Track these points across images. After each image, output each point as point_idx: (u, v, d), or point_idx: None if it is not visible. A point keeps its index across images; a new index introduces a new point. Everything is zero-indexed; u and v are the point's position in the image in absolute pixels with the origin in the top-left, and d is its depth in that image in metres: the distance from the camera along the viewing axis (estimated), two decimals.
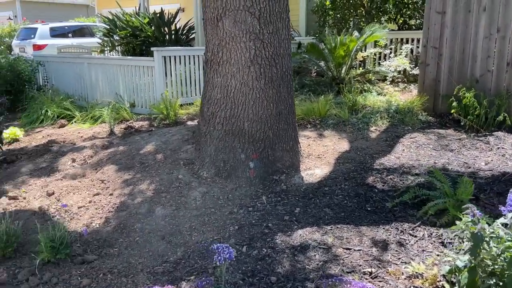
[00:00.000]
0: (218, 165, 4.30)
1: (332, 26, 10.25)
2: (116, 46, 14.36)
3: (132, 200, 3.90)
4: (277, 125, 4.38)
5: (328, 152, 4.92)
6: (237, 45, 4.14)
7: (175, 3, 18.11)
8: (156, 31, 14.13)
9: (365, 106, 6.54)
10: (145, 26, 13.77)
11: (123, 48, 14.39)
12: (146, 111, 7.67)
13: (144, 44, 14.21)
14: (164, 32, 13.49)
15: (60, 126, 7.20)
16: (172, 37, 14.17)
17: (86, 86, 8.71)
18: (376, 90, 7.55)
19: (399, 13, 9.49)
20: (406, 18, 10.00)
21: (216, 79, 4.36)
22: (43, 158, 5.42)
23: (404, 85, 8.24)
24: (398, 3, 9.29)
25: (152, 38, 14.10)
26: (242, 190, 4.06)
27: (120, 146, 5.25)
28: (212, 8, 4.21)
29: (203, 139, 4.50)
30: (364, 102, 6.59)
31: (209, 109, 4.45)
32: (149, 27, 13.18)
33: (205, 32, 4.47)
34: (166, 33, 13.72)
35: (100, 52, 14.43)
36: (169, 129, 5.88)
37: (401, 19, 10.09)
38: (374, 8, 9.36)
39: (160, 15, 13.70)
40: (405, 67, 8.11)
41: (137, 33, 13.86)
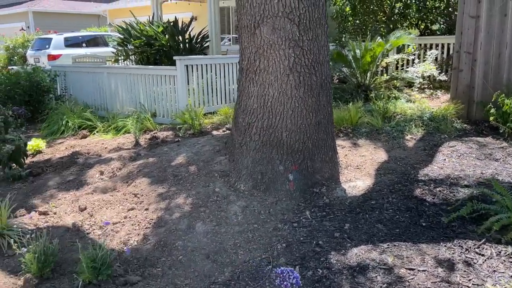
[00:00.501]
0: (255, 178, 4.12)
1: (352, 32, 10.08)
2: (130, 55, 14.34)
3: (169, 215, 3.72)
4: (317, 135, 4.20)
5: (367, 162, 4.73)
6: (276, 52, 3.98)
7: (188, 12, 18.09)
8: (170, 40, 14.08)
9: (396, 113, 6.34)
10: (159, 35, 13.72)
11: (137, 57, 14.37)
12: (168, 120, 7.52)
13: (158, 53, 14.19)
14: (178, 40, 13.44)
15: (82, 137, 7.07)
16: (186, 46, 14.13)
17: (106, 96, 8.60)
18: (403, 96, 7.35)
19: (421, 19, 9.29)
20: (428, 23, 9.81)
21: (252, 88, 4.19)
22: (70, 170, 5.27)
23: (431, 91, 8.04)
24: (421, 8, 9.10)
25: (167, 47, 14.06)
26: (282, 204, 3.87)
27: (149, 157, 5.09)
28: (248, 15, 4.06)
29: (238, 150, 4.33)
30: (394, 110, 6.39)
31: (244, 119, 4.29)
32: (163, 36, 13.13)
33: (240, 40, 4.32)
34: (180, 42, 13.68)
35: (114, 62, 14.42)
36: (197, 139, 5.71)
37: (422, 24, 9.90)
38: (396, 14, 9.18)
39: (174, 23, 13.64)
40: (432, 73, 7.90)
41: (151, 42, 13.81)
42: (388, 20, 9.54)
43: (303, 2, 3.93)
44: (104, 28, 23.42)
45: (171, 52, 14.04)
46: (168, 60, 14.57)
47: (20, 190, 4.83)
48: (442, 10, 9.28)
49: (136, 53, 14.27)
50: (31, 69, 9.29)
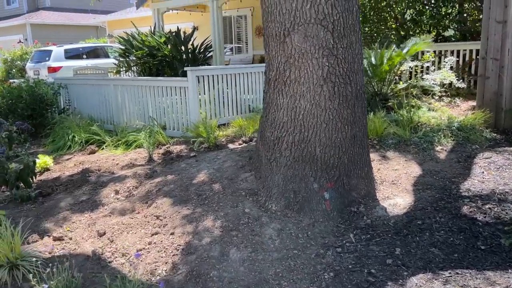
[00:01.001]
0: (288, 197, 3.82)
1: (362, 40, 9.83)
2: (132, 66, 14.09)
3: (199, 241, 3.41)
4: (352, 150, 3.91)
5: (401, 177, 4.44)
6: (308, 62, 3.70)
7: (189, 22, 17.87)
8: (173, 50, 13.83)
9: (420, 123, 6.07)
10: (162, 46, 13.48)
11: (139, 68, 14.12)
12: (179, 133, 7.23)
13: (161, 64, 13.93)
14: (181, 51, 13.21)
15: (90, 152, 6.75)
16: (189, 56, 13.88)
17: (112, 108, 8.30)
18: (423, 105, 7.09)
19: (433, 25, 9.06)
20: (440, 29, 9.59)
21: (281, 100, 3.91)
22: (82, 190, 4.95)
23: (449, 99, 7.79)
24: (435, 14, 8.89)
25: (169, 57, 13.79)
26: (320, 225, 3.57)
27: (168, 175, 4.78)
28: (277, 23, 3.79)
29: (267, 166, 4.03)
30: (418, 119, 6.12)
31: (273, 133, 3.99)
32: (165, 46, 12.90)
33: (267, 49, 4.04)
34: (183, 52, 13.44)
35: (116, 73, 14.15)
36: (215, 154, 5.41)
37: (434, 31, 9.69)
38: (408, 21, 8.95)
39: (177, 33, 13.41)
40: (451, 80, 7.66)
41: (154, 52, 13.55)
42: (400, 27, 9.31)
43: (336, 7, 3.66)
44: (103, 39, 23.18)
45: (174, 63, 13.81)
46: (171, 71, 14.33)
47: (30, 212, 4.51)
48: (454, 16, 9.07)
49: (138, 64, 14.02)
50: (33, 82, 8.99)
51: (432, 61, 8.64)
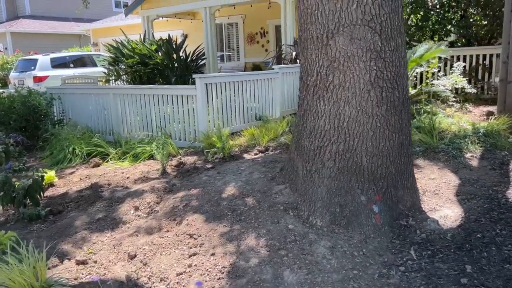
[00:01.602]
0: (333, 211, 3.55)
1: None
2: (121, 75, 13.72)
3: (245, 262, 3.10)
4: (399, 159, 3.67)
5: (441, 186, 4.23)
6: (354, 66, 3.46)
7: (178, 29, 17.57)
8: (165, 58, 13.53)
9: (441, 129, 5.90)
10: (153, 53, 13.17)
11: (129, 77, 13.76)
12: (186, 144, 6.90)
13: (152, 72, 13.60)
14: (172, 58, 12.92)
15: (94, 165, 6.35)
16: (182, 65, 13.59)
17: (111, 119, 7.91)
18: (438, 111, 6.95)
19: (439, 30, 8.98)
20: (442, 35, 9.53)
21: (322, 106, 3.65)
22: (96, 206, 4.58)
23: (460, 105, 7.68)
24: (440, 19, 8.82)
25: (161, 65, 13.50)
26: (373, 241, 3.31)
27: (192, 188, 4.45)
28: (319, 25, 3.55)
29: (307, 178, 3.76)
30: (439, 125, 5.95)
31: (313, 143, 3.73)
32: (157, 54, 12.59)
33: (304, 53, 3.79)
34: (174, 60, 13.16)
35: (105, 82, 13.75)
36: (235, 165, 5.11)
37: (436, 37, 9.63)
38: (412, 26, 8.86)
39: (168, 41, 13.13)
40: (462, 86, 7.55)
41: (146, 60, 13.23)
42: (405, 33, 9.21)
43: (384, 8, 3.44)
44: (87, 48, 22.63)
45: (166, 71, 13.49)
46: (163, 80, 14.01)
47: (41, 232, 4.12)
48: (458, 22, 9.02)
49: (129, 72, 13.66)
50: (26, 92, 8.52)
51: (439, 66, 8.54)
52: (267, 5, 15.02)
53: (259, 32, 15.84)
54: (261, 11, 15.23)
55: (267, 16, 15.30)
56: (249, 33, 16.07)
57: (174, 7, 14.70)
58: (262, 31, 15.76)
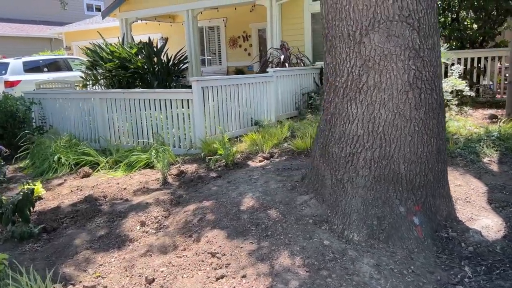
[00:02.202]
0: (370, 224, 3.25)
1: None
2: (99, 79, 13.18)
3: (284, 285, 2.76)
4: (437, 166, 3.41)
5: (470, 193, 4.00)
6: (392, 65, 3.19)
7: (157, 32, 17.06)
8: (147, 62, 13.08)
9: (450, 133, 5.73)
10: (133, 57, 12.72)
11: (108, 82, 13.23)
12: (182, 151, 6.50)
13: (133, 77, 13.13)
14: (154, 62, 12.52)
15: (83, 175, 5.87)
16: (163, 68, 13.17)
17: (97, 125, 7.41)
18: None
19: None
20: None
21: (354, 110, 3.36)
22: (95, 222, 4.14)
23: (458, 108, 7.57)
24: None
25: (142, 69, 13.05)
26: (419, 257, 3.02)
27: (204, 200, 4.06)
28: (350, 21, 3.26)
29: (337, 188, 3.45)
30: (448, 129, 5.78)
31: (343, 149, 3.43)
32: (137, 58, 12.16)
33: (332, 52, 3.49)
34: (155, 64, 12.77)
35: (82, 87, 13.18)
36: (245, 173, 4.76)
37: None
38: None
39: (149, 44, 12.69)
40: (461, 89, 7.44)
41: (126, 64, 12.76)
42: None
43: (421, 3, 3.19)
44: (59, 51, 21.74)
45: (148, 75, 13.04)
46: (144, 84, 13.54)
47: (36, 253, 3.66)
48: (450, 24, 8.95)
49: (107, 77, 13.12)
50: (2, 97, 7.92)
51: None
52: (250, 8, 14.75)
53: (242, 36, 15.53)
54: (244, 15, 14.94)
55: (250, 19, 15.02)
56: (231, 37, 15.74)
57: (155, 9, 14.23)
58: (245, 34, 15.46)
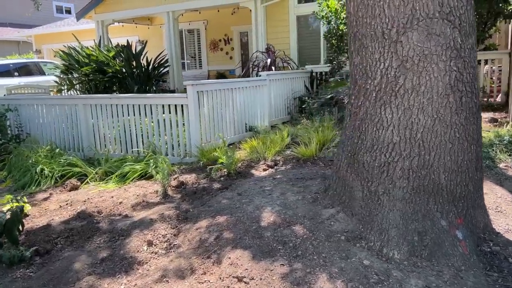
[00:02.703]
0: (410, 240, 2.97)
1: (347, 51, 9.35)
2: (75, 84, 12.60)
3: None
4: (476, 174, 3.18)
5: (499, 202, 3.80)
6: (432, 66, 2.93)
7: (134, 35, 16.52)
8: (126, 66, 12.60)
9: None
10: (112, 61, 12.23)
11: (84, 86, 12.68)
12: (176, 159, 6.11)
13: (111, 81, 12.63)
14: (132, 66, 12.06)
15: (71, 188, 5.39)
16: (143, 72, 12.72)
17: (81, 133, 6.92)
18: None
19: None
20: None
21: (389, 115, 3.09)
22: (95, 242, 3.71)
23: None
24: None
25: (121, 73, 12.56)
26: (468, 276, 2.76)
27: (216, 216, 3.70)
28: (385, 18, 2.99)
29: (372, 201, 3.16)
30: None
31: (377, 158, 3.15)
32: (116, 62, 11.70)
33: (361, 52, 3.21)
34: (134, 68, 12.32)
35: (57, 92, 12.59)
36: (255, 184, 4.43)
37: None
38: None
39: (128, 47, 12.23)
40: None
41: (103, 68, 12.24)
42: None
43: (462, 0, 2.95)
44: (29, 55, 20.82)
45: (127, 80, 12.57)
46: (123, 88, 13.03)
47: (30, 281, 3.22)
48: None
49: (83, 81, 12.57)
50: None
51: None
52: (231, 11, 14.45)
53: (223, 39, 15.19)
54: (225, 17, 14.61)
55: (232, 22, 14.71)
56: (212, 40, 15.37)
57: (133, 11, 13.72)
58: (226, 38, 15.12)
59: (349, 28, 3.34)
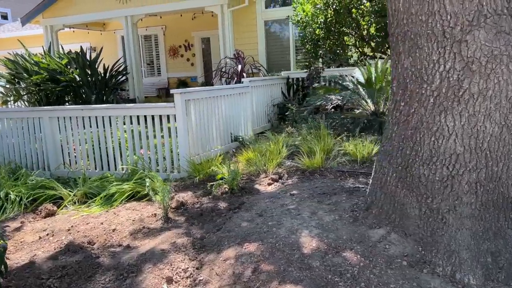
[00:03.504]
0: (484, 262, 2.65)
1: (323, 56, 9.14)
2: (23, 94, 11.59)
3: None
4: None
5: None
6: (501, 68, 2.65)
7: (85, 42, 15.49)
8: (81, 74, 11.74)
9: None
10: (64, 69, 11.36)
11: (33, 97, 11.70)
12: (163, 176, 5.49)
13: (64, 91, 11.74)
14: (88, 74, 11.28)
15: (47, 215, 4.66)
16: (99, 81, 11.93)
17: (47, 149, 6.13)
18: None
19: None
20: None
21: (450, 123, 2.76)
22: (98, 282, 3.09)
23: None
24: None
25: (76, 82, 11.69)
26: None
27: (243, 243, 3.19)
28: (446, 15, 2.68)
29: (434, 219, 2.82)
30: None
31: (437, 171, 2.81)
32: (69, 70, 10.89)
33: (413, 53, 2.88)
34: (89, 76, 11.53)
35: (3, 104, 11.50)
36: (273, 202, 3.97)
37: None
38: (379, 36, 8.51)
39: (82, 54, 11.42)
40: None
41: (56, 77, 11.34)
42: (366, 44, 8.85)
43: None
44: None
45: (83, 89, 11.74)
46: (78, 98, 12.20)
47: None
48: None
49: (33, 91, 11.57)
50: None
51: None
52: (192, 16, 13.90)
53: (183, 45, 14.57)
54: (185, 22, 14.03)
55: (192, 27, 14.15)
56: (172, 46, 14.71)
57: (87, 15, 12.82)
58: (187, 43, 14.53)
59: (396, 28, 2.99)
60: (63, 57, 12.02)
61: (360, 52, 8.98)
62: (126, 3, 12.14)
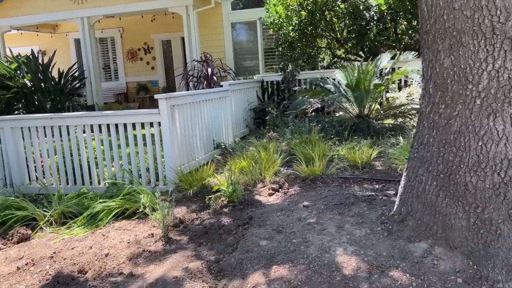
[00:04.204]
0: None
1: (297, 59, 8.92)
2: None
3: None
4: None
5: None
6: None
7: (35, 45, 14.42)
8: (34, 80, 10.92)
9: None
10: (14, 74, 10.53)
11: None
12: (148, 188, 5.02)
13: (15, 97, 10.91)
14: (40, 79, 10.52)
15: (19, 239, 4.06)
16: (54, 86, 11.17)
17: (9, 163, 5.46)
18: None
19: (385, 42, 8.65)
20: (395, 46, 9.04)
21: (500, 126, 2.62)
22: None
23: None
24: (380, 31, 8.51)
25: (28, 88, 10.89)
26: None
27: (273, 265, 2.83)
28: (495, 10, 2.54)
29: (487, 231, 2.62)
30: None
31: (487, 179, 2.64)
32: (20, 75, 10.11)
33: (451, 53, 2.66)
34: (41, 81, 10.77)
35: None
36: (287, 215, 3.64)
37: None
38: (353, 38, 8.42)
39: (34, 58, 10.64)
40: None
41: (6, 83, 10.49)
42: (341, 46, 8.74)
43: None
44: None
45: (37, 95, 10.94)
46: (31, 105, 11.37)
47: None
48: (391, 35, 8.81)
49: None
50: None
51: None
52: (151, 18, 13.30)
53: (143, 48, 13.91)
54: (144, 25, 13.39)
55: (152, 30, 13.53)
56: (130, 49, 14.00)
57: (37, 16, 11.89)
58: (146, 46, 13.88)
59: (433, 24, 2.77)
60: (12, 61, 11.09)
61: (332, 54, 8.86)
62: (82, 3, 11.41)
